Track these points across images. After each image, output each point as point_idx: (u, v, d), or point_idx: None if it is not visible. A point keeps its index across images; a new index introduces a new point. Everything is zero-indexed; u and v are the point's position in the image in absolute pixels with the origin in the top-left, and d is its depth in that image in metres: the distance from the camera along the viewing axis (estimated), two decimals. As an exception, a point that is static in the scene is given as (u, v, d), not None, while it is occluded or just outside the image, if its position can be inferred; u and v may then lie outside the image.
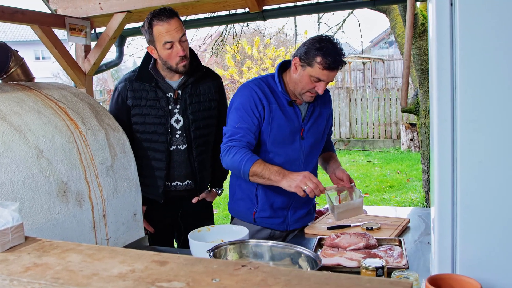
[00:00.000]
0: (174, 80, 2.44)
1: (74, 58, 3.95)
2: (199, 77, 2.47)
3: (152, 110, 2.39)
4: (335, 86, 14.67)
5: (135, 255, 1.12)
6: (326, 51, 2.04)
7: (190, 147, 2.44)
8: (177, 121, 2.43)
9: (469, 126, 1.18)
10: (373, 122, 11.37)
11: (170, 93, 2.41)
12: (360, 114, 11.50)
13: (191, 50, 2.47)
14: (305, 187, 1.95)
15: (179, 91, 2.42)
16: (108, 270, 1.03)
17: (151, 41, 2.33)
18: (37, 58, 27.97)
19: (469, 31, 1.15)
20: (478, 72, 1.16)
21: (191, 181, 2.49)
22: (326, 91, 2.33)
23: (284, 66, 2.28)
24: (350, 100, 11.66)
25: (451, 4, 1.17)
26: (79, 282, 0.98)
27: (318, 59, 2.05)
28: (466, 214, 1.20)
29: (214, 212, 6.01)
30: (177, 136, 2.43)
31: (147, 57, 2.47)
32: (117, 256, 1.12)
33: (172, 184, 2.47)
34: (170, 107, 2.40)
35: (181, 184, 2.48)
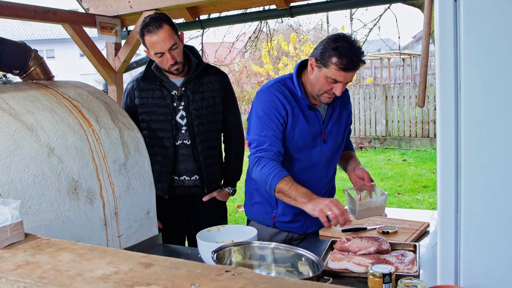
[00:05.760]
0: (178, 79, 2.51)
1: (105, 56, 4.04)
2: (202, 74, 2.52)
3: (158, 108, 2.49)
4: (373, 83, 14.38)
5: (124, 256, 1.12)
6: (341, 51, 1.95)
7: (194, 142, 2.49)
8: (182, 117, 2.49)
9: (474, 129, 1.11)
10: (410, 120, 11.07)
11: (174, 91, 2.50)
12: (397, 111, 11.23)
13: (192, 47, 2.56)
14: (329, 213, 1.82)
15: (183, 88, 2.49)
16: (93, 271, 1.03)
17: (145, 48, 2.41)
18: (82, 55, 28.77)
19: (474, 27, 1.08)
20: (484, 70, 1.09)
21: (198, 176, 2.53)
22: (345, 91, 2.25)
23: (302, 66, 2.19)
24: (386, 98, 11.40)
25: (455, 0, 1.10)
26: (62, 282, 0.99)
27: (334, 59, 1.96)
28: (470, 223, 1.13)
29: (238, 210, 6.03)
30: (183, 131, 2.50)
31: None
32: (106, 256, 1.12)
33: (180, 178, 2.53)
34: (175, 104, 2.48)
35: (189, 179, 2.54)
